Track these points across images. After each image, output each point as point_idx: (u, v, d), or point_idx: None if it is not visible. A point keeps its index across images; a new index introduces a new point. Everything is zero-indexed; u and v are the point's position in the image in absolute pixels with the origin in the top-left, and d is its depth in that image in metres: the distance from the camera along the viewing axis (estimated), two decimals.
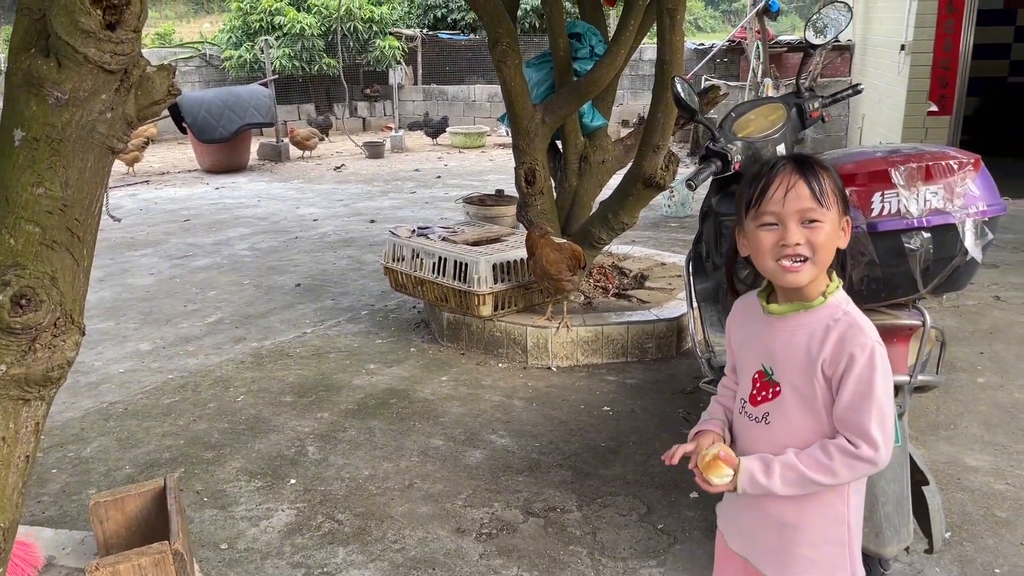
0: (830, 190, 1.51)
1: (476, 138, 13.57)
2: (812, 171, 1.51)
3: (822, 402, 1.53)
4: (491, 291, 4.21)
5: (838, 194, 1.52)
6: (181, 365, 4.42)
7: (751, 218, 1.54)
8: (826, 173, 1.52)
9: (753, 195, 1.53)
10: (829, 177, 1.52)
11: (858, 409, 1.48)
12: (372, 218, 8.10)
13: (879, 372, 1.48)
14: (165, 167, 11.67)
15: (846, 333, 1.51)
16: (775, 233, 1.51)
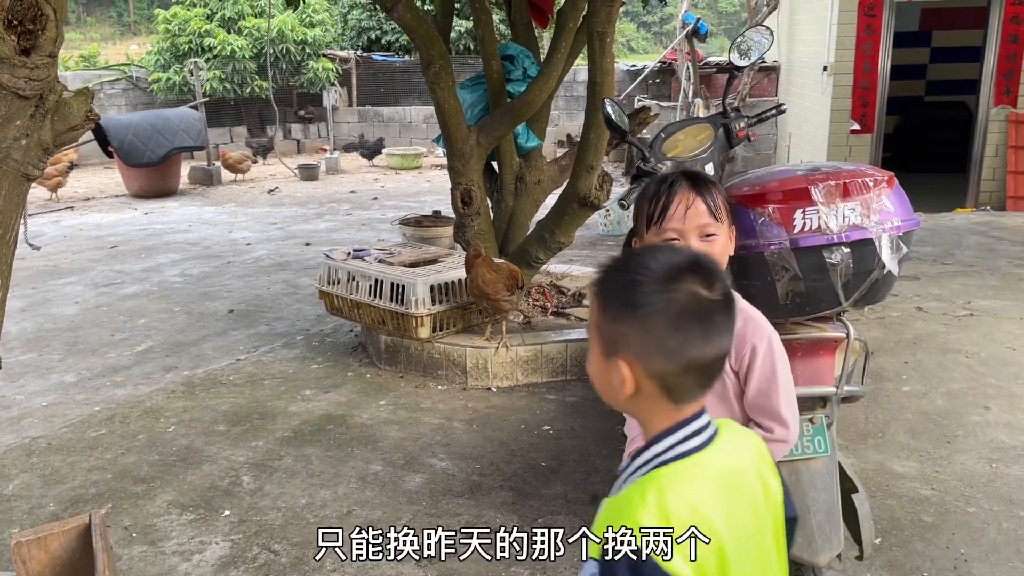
0: (722, 205, 1.65)
1: (413, 159, 13.55)
2: (706, 188, 1.65)
3: (733, 394, 1.68)
4: (429, 312, 4.20)
5: (727, 207, 1.67)
6: (108, 396, 4.28)
7: (653, 233, 1.66)
8: (716, 189, 1.67)
9: (655, 212, 1.64)
10: (719, 193, 1.66)
11: (768, 394, 1.64)
12: (307, 241, 8.00)
13: (779, 357, 1.64)
14: (91, 192, 11.33)
15: (745, 327, 1.63)
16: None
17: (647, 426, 1.17)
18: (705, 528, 1.09)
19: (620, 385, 1.15)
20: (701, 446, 1.16)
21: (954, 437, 3.54)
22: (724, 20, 34.01)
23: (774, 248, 1.92)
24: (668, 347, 1.10)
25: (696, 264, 1.12)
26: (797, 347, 2.21)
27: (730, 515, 1.14)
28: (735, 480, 1.18)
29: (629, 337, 1.12)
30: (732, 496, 1.16)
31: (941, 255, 6.66)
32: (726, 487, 1.16)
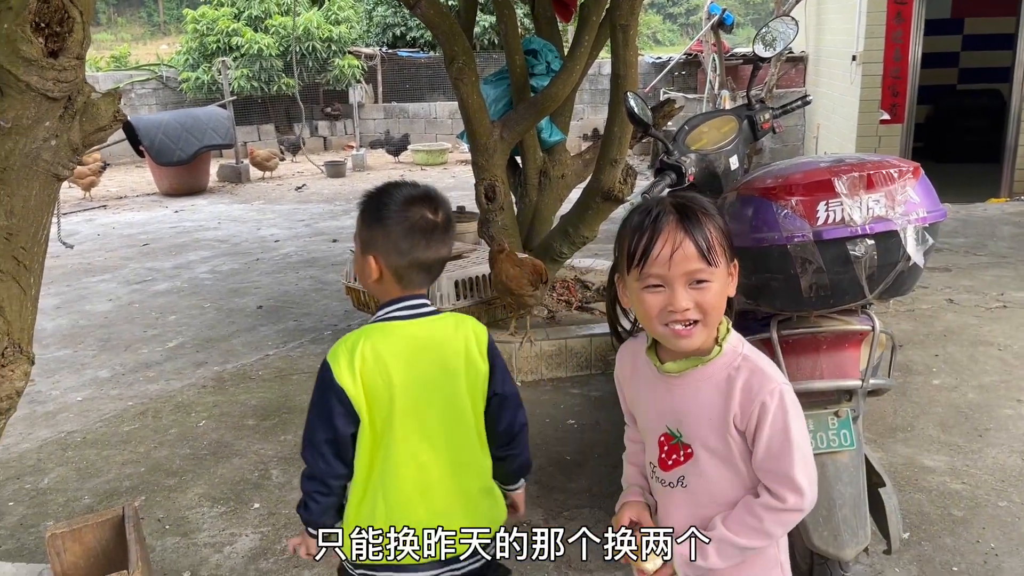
0: (717, 243, 1.38)
1: (438, 155, 13.59)
2: (698, 224, 1.37)
3: (739, 456, 1.45)
4: (453, 308, 4.22)
5: (725, 244, 1.40)
6: (141, 391, 4.36)
7: (634, 277, 1.41)
8: (711, 223, 1.38)
9: (636, 252, 1.39)
10: (715, 227, 1.39)
11: (779, 457, 1.40)
12: (334, 238, 8.06)
13: (792, 415, 1.40)
14: (123, 191, 11.51)
15: (751, 380, 1.42)
16: (662, 296, 1.38)
17: (382, 301, 1.72)
18: (380, 367, 1.63)
19: (370, 273, 1.69)
20: (407, 317, 1.69)
21: (985, 431, 3.49)
22: (751, 10, 33.67)
23: (797, 240, 1.90)
24: (401, 249, 1.64)
25: (427, 196, 1.67)
26: (822, 340, 2.19)
27: (410, 366, 1.66)
28: (430, 345, 1.69)
29: (377, 241, 1.66)
30: (420, 354, 1.67)
31: (974, 246, 6.55)
32: (416, 347, 1.67)
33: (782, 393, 1.41)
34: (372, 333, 1.67)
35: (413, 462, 1.69)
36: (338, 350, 1.66)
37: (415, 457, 1.69)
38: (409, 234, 1.63)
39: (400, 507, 1.68)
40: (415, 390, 1.66)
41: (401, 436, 1.67)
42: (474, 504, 1.76)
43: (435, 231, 1.66)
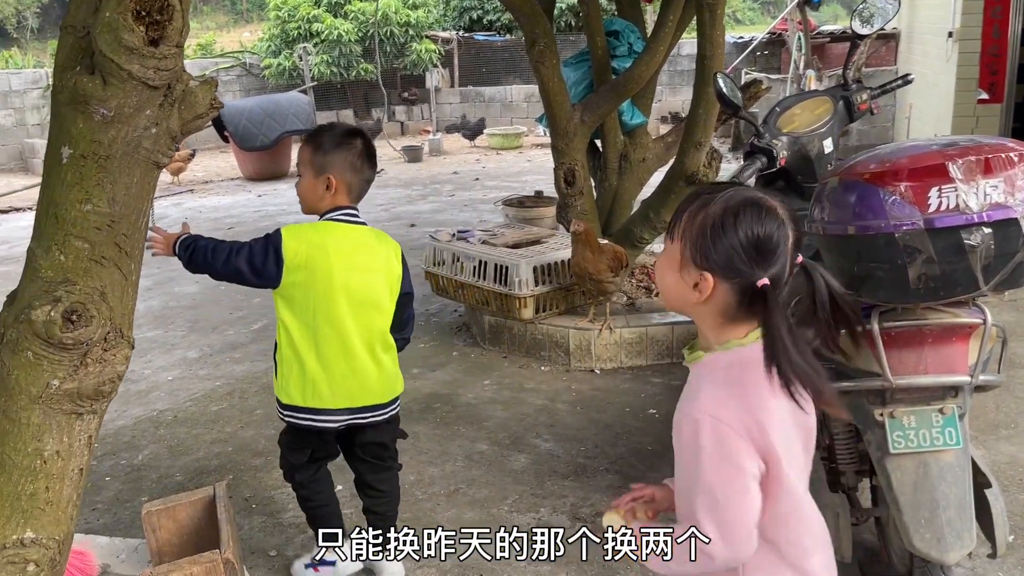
0: (685, 229, 1.37)
1: (514, 139, 13.55)
2: (690, 206, 1.40)
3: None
4: (532, 294, 4.19)
5: (692, 239, 1.35)
6: (228, 372, 4.47)
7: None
8: (701, 214, 1.35)
9: None
10: (698, 220, 1.35)
11: (687, 492, 1.33)
12: (412, 222, 8.13)
13: (706, 453, 1.29)
14: (208, 176, 11.85)
15: (684, 396, 1.38)
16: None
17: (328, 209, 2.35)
18: (321, 248, 2.25)
19: (324, 191, 2.31)
20: (347, 221, 2.33)
21: None
22: None
23: (906, 229, 1.80)
24: (356, 166, 2.33)
25: (360, 131, 2.41)
26: (927, 333, 2.08)
27: (346, 256, 2.28)
28: (361, 246, 2.33)
29: (335, 162, 2.29)
30: (355, 249, 2.31)
31: None
32: (352, 244, 2.31)
33: (698, 425, 1.30)
34: (320, 226, 2.32)
35: (341, 328, 2.31)
36: (291, 227, 2.31)
37: (343, 324, 2.31)
38: (360, 156, 2.33)
39: (328, 360, 2.32)
40: (347, 274, 2.28)
41: (334, 308, 2.28)
42: (383, 369, 2.42)
43: (372, 156, 2.41)
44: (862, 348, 1.97)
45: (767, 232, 1.32)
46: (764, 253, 1.32)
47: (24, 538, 1.50)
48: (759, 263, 1.32)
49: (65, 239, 1.37)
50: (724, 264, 1.32)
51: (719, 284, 1.33)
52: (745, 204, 1.34)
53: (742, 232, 1.32)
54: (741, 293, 1.34)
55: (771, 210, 1.34)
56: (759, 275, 1.32)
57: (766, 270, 1.32)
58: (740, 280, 1.33)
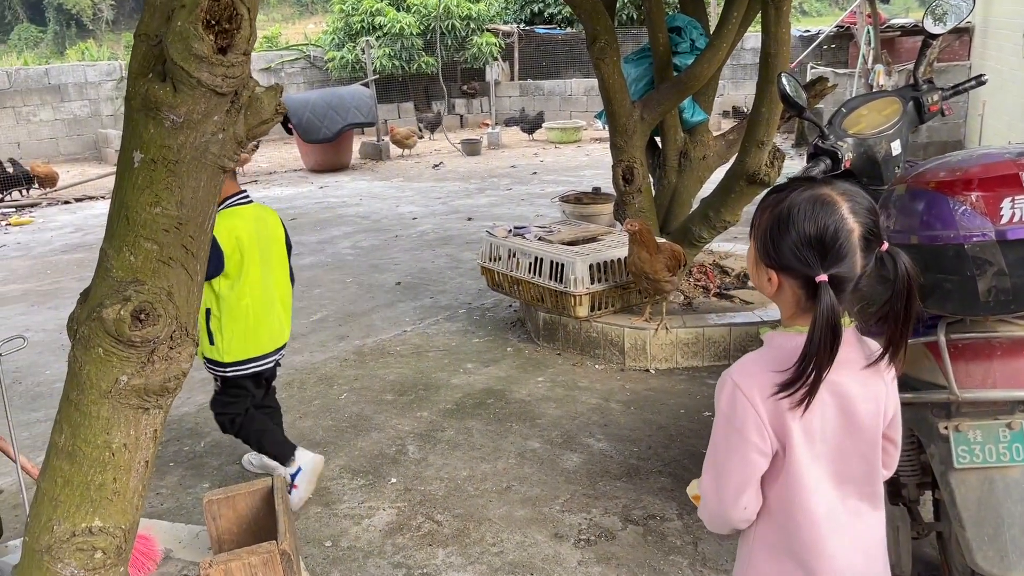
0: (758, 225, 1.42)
1: (572, 133, 13.50)
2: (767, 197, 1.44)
3: None
4: (588, 291, 4.18)
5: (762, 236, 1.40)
6: (288, 362, 4.56)
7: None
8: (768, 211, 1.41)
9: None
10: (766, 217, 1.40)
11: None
12: (469, 216, 8.17)
13: (721, 413, 1.40)
14: (272, 167, 12.09)
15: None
16: None
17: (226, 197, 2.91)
18: (233, 233, 2.84)
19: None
20: (242, 203, 2.95)
21: None
22: None
23: (976, 240, 1.74)
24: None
25: None
26: (996, 346, 2.02)
27: (249, 230, 2.90)
28: (257, 218, 2.98)
29: None
30: (253, 223, 2.94)
31: None
32: (252, 219, 2.94)
33: (723, 385, 1.40)
34: (229, 213, 2.87)
35: (265, 287, 3.01)
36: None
37: (265, 284, 3.01)
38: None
39: (259, 315, 3.00)
40: (259, 245, 2.95)
41: (254, 273, 2.94)
42: (287, 313, 3.18)
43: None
44: (927, 359, 1.92)
45: (824, 227, 1.33)
46: (823, 249, 1.33)
47: (92, 526, 1.55)
48: (819, 259, 1.33)
49: (135, 240, 1.41)
50: (785, 261, 1.36)
51: (784, 280, 1.38)
52: (805, 201, 1.35)
53: (801, 229, 1.34)
54: (805, 287, 1.36)
55: (831, 204, 1.34)
56: (818, 271, 1.33)
57: (826, 266, 1.33)
58: (802, 276, 1.35)
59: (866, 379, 1.42)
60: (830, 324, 1.32)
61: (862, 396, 1.41)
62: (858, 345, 1.45)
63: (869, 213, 1.35)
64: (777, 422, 1.36)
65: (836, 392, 1.38)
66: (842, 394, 1.39)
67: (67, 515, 1.54)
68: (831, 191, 1.36)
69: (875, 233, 1.35)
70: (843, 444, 1.41)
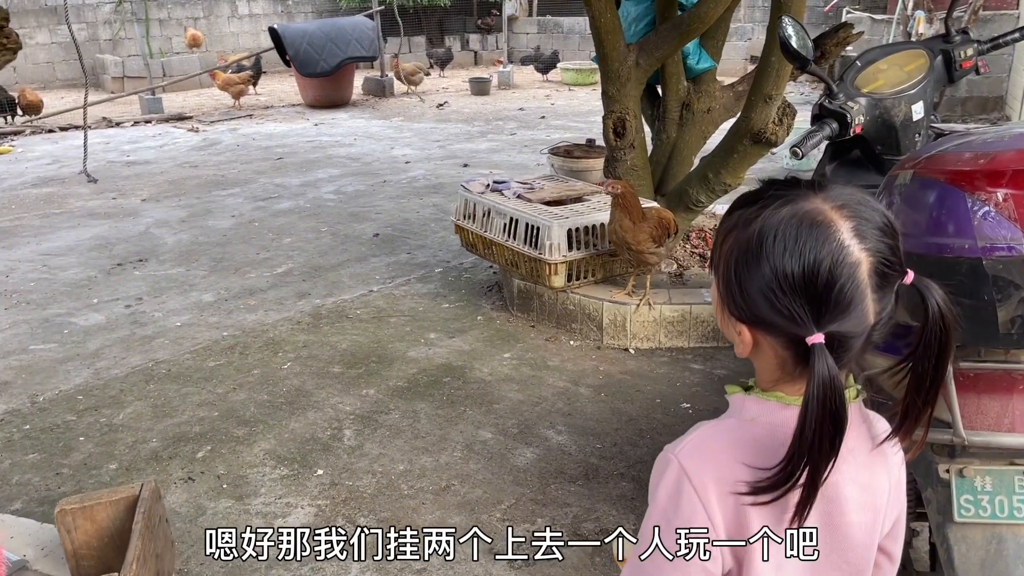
0: (716, 254, 1.00)
1: (588, 75, 12.83)
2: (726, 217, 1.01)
3: None
4: (564, 259, 3.73)
5: (720, 274, 0.98)
6: (238, 321, 4.19)
7: None
8: (721, 229, 1.00)
9: None
10: (720, 239, 0.99)
11: None
12: (466, 162, 7.68)
13: (657, 506, 0.96)
14: (271, 101, 11.59)
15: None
16: None
17: None
18: None
19: None
20: None
21: None
22: None
23: (1000, 255, 1.28)
24: None
25: None
26: (1017, 379, 1.59)
27: None
28: None
29: None
30: None
31: None
32: None
33: (665, 468, 0.97)
34: None
35: None
36: None
37: None
38: None
39: None
40: None
41: None
42: None
43: None
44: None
45: (814, 263, 0.88)
46: (814, 296, 0.89)
47: None
48: (809, 311, 0.89)
49: None
50: (760, 313, 0.92)
51: (761, 338, 0.95)
52: (784, 223, 0.91)
53: (778, 266, 0.90)
54: (792, 348, 0.93)
55: (823, 225, 0.90)
56: (809, 329, 0.89)
57: (822, 322, 0.89)
58: (786, 334, 0.92)
59: (866, 474, 0.99)
60: (829, 410, 0.88)
61: (857, 502, 0.98)
62: (862, 427, 1.00)
63: (883, 233, 0.92)
64: (732, 530, 0.94)
65: (822, 494, 0.92)
66: (829, 497, 0.96)
67: None
68: (823, 203, 0.92)
69: (892, 262, 0.92)
70: (822, 562, 0.98)
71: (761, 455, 0.92)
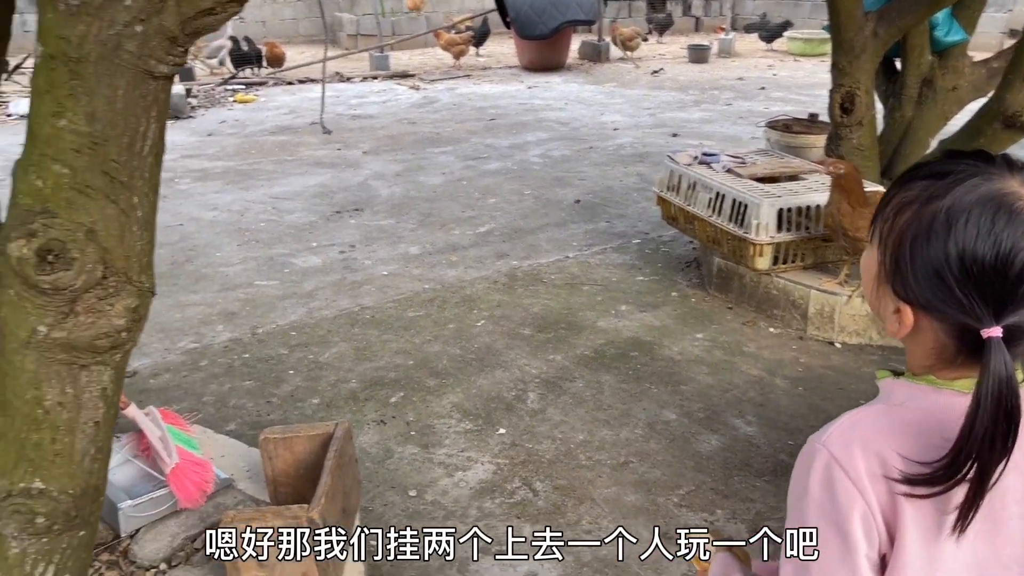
0: (881, 232, 0.92)
1: (817, 45, 12.01)
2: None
3: None
4: (771, 241, 3.52)
5: (887, 248, 0.91)
6: (439, 275, 4.33)
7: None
8: (887, 195, 0.93)
9: None
10: (887, 205, 0.92)
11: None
12: (675, 131, 7.46)
13: (812, 499, 0.90)
14: (489, 63, 11.83)
15: None
16: None
17: None
18: None
19: None
20: None
21: None
22: None
23: None
24: None
25: None
26: None
27: None
28: None
29: None
30: None
31: None
32: None
33: (812, 458, 0.91)
34: None
35: None
36: None
37: None
38: None
39: None
40: None
41: None
42: None
43: None
44: None
45: (1008, 252, 0.82)
46: (1001, 287, 0.83)
47: (32, 488, 1.33)
48: (991, 302, 0.83)
49: (41, 160, 1.09)
50: (930, 298, 0.87)
51: (925, 321, 0.89)
52: (978, 203, 0.84)
53: (965, 250, 0.83)
54: (958, 337, 0.88)
55: (1020, 215, 0.83)
56: (987, 322, 0.83)
57: (1003, 314, 0.83)
58: (957, 322, 0.86)
59: None
60: (1003, 407, 0.81)
61: (1020, 492, 0.89)
62: None
63: None
64: (888, 514, 0.88)
65: None
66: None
67: (3, 472, 1.32)
68: (1022, 188, 0.84)
69: None
70: (981, 558, 0.89)
71: (910, 440, 0.87)
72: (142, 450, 2.35)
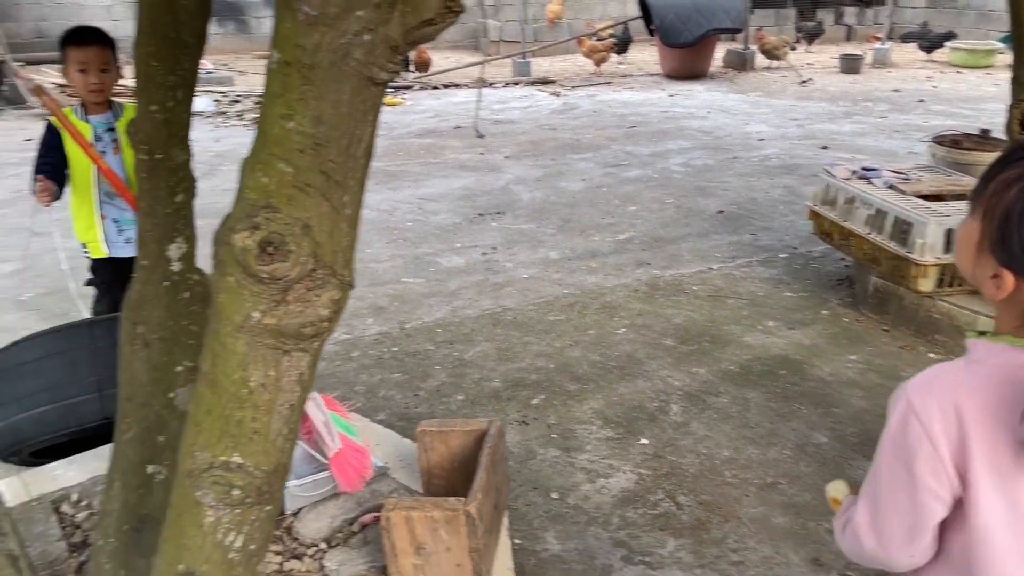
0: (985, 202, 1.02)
1: (983, 56, 11.30)
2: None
3: None
4: (937, 262, 3.34)
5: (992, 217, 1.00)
6: (579, 281, 4.35)
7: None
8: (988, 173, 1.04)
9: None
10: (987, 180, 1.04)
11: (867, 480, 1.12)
12: (825, 144, 7.19)
13: (888, 438, 1.04)
14: (631, 70, 11.78)
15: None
16: None
17: None
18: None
19: None
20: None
21: None
22: None
23: None
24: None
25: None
26: None
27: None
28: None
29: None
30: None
31: None
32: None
33: (895, 403, 1.05)
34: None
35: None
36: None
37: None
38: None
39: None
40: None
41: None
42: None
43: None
44: None
45: None
46: None
47: (231, 462, 1.43)
48: None
49: (268, 159, 1.18)
50: None
51: (1022, 284, 1.00)
52: None
53: None
54: None
55: None
56: None
57: None
58: None
59: None
60: None
61: None
62: None
63: None
64: (959, 459, 1.00)
65: None
66: None
67: (208, 444, 1.43)
68: None
69: None
70: None
71: (983, 391, 0.98)
72: (304, 433, 2.48)
